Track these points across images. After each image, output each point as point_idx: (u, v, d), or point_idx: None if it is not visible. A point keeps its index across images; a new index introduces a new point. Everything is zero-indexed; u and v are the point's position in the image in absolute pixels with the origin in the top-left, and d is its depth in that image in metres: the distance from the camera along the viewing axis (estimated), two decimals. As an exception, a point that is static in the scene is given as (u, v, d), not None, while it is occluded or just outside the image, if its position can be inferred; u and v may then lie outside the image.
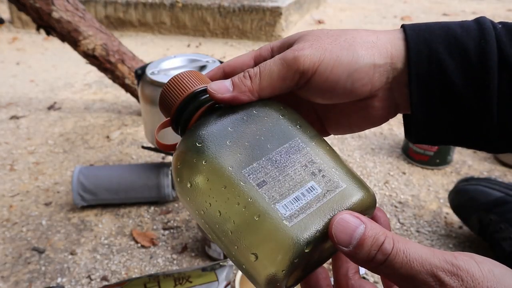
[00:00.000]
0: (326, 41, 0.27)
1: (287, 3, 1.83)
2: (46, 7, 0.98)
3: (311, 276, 0.26)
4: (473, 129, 0.27)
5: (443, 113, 0.27)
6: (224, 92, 0.26)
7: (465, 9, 2.24)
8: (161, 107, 0.30)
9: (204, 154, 0.24)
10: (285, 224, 0.22)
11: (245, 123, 0.26)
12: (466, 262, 0.20)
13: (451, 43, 0.26)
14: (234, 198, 0.23)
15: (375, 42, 0.27)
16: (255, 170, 0.24)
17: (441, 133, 0.28)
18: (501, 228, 0.64)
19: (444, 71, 0.26)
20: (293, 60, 0.26)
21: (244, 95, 0.26)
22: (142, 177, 0.79)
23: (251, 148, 0.25)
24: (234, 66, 0.30)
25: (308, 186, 0.23)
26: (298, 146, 0.25)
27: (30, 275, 0.68)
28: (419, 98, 0.27)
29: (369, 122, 0.31)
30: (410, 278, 0.20)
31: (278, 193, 0.23)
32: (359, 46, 0.27)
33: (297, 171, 0.24)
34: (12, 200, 0.86)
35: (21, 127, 1.16)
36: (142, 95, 0.76)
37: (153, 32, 2.00)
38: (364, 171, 0.93)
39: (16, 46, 1.89)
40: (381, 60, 0.27)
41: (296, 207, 0.22)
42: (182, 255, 0.71)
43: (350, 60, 0.26)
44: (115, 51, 1.07)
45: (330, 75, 0.26)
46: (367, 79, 0.27)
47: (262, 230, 0.22)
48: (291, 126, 0.26)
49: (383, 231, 0.21)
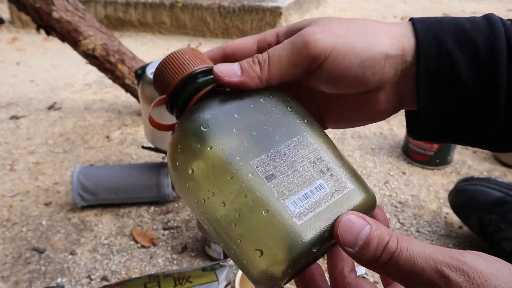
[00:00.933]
0: (338, 27, 0.26)
1: (287, 3, 1.83)
2: (46, 7, 0.98)
3: (306, 273, 0.26)
4: (480, 125, 0.27)
5: (451, 107, 0.27)
6: (232, 76, 0.25)
7: (465, 9, 2.24)
8: (157, 84, 0.28)
9: (209, 139, 0.23)
10: (295, 222, 0.21)
11: (252, 111, 0.24)
12: (473, 259, 0.19)
13: (460, 37, 0.26)
14: (241, 190, 0.22)
15: (387, 32, 0.27)
16: (264, 163, 0.23)
17: (448, 129, 0.28)
18: (501, 228, 0.64)
19: (453, 65, 0.26)
20: (304, 45, 0.25)
21: (253, 81, 0.25)
22: (142, 177, 0.79)
23: (259, 139, 0.23)
24: (235, 48, 0.29)
25: (317, 184, 0.23)
26: (307, 142, 0.24)
27: (30, 275, 0.68)
28: (427, 92, 0.26)
29: (371, 117, 0.30)
30: (414, 275, 0.20)
31: (287, 189, 0.22)
32: (372, 34, 0.26)
33: (306, 167, 0.23)
34: (12, 200, 0.86)
35: (21, 127, 1.16)
36: (142, 95, 0.76)
37: (153, 32, 2.00)
38: (364, 171, 0.92)
39: (16, 46, 1.89)
40: (393, 51, 0.26)
41: (305, 205, 0.22)
42: (182, 255, 0.71)
43: (363, 47, 0.26)
44: (115, 51, 1.07)
45: (342, 61, 0.26)
46: (378, 68, 0.26)
47: (270, 226, 0.21)
48: (299, 120, 0.25)
49: (388, 231, 0.21)
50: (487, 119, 0.26)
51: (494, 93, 0.25)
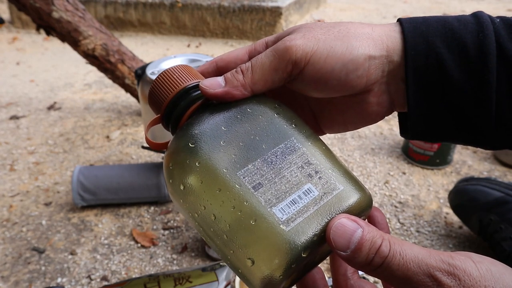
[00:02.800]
0: (319, 32, 0.27)
1: (287, 3, 1.83)
2: (46, 7, 0.98)
3: (307, 277, 0.26)
4: (471, 124, 0.27)
5: (441, 107, 0.27)
6: (216, 88, 0.26)
7: (465, 9, 2.24)
8: (151, 103, 0.28)
9: (197, 155, 0.24)
10: (282, 229, 0.21)
11: (239, 122, 0.25)
12: (463, 262, 0.20)
13: (448, 37, 0.26)
14: (229, 201, 0.22)
15: (370, 33, 0.27)
16: (251, 172, 0.23)
17: (438, 128, 0.28)
18: (501, 228, 0.64)
19: (442, 65, 0.26)
20: (285, 50, 0.26)
21: (237, 90, 0.26)
22: (142, 177, 0.79)
23: (246, 149, 0.24)
24: (227, 60, 0.29)
25: (305, 189, 0.23)
26: (294, 146, 0.24)
27: (30, 275, 0.68)
28: (416, 92, 0.26)
29: (364, 120, 0.30)
30: (407, 279, 0.20)
31: (275, 196, 0.22)
32: (353, 36, 0.26)
33: (293, 172, 0.23)
34: (12, 200, 0.86)
35: (21, 127, 1.16)
36: (142, 95, 0.76)
37: (153, 32, 2.00)
38: (364, 171, 0.93)
39: (16, 46, 1.89)
40: (376, 51, 0.26)
41: (293, 211, 0.22)
42: (182, 255, 0.71)
43: (344, 50, 0.26)
44: (115, 51, 1.07)
45: (323, 65, 0.26)
46: (362, 70, 0.26)
47: (259, 234, 0.22)
48: (286, 125, 0.25)
49: (380, 234, 0.21)
50: (477, 119, 0.26)
51: (484, 93, 0.25)
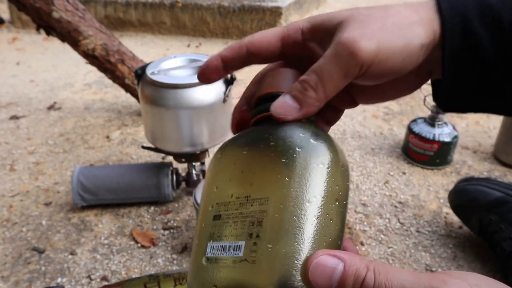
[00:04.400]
0: (375, 27, 0.26)
1: (287, 3, 1.83)
2: (46, 7, 0.98)
3: None
4: (503, 97, 0.28)
5: (475, 84, 0.27)
6: (293, 113, 0.25)
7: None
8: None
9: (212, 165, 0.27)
10: (202, 263, 0.23)
11: (257, 152, 0.25)
12: (456, 285, 0.19)
13: (485, 14, 0.26)
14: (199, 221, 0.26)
15: (419, 21, 0.27)
16: (224, 202, 0.24)
17: (471, 102, 0.29)
18: (501, 228, 0.64)
19: (477, 44, 0.26)
20: (350, 56, 0.25)
21: (313, 106, 0.26)
22: (142, 177, 0.79)
23: (240, 179, 0.24)
24: (259, 46, 0.28)
25: (237, 244, 0.22)
26: (266, 203, 0.22)
27: (30, 275, 0.68)
28: (451, 72, 0.27)
29: (402, 92, 0.31)
30: None
31: (218, 233, 0.24)
32: (408, 28, 0.26)
33: (244, 224, 0.23)
34: (12, 200, 0.86)
35: (21, 127, 1.16)
36: (142, 95, 0.76)
37: (153, 32, 2.00)
38: (364, 171, 0.93)
39: (16, 46, 1.89)
40: (427, 39, 0.26)
41: (216, 254, 0.23)
42: (182, 255, 0.71)
43: (403, 46, 0.26)
44: (115, 51, 1.07)
45: (386, 64, 0.26)
46: (416, 58, 0.27)
47: (194, 254, 0.25)
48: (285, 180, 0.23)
49: (365, 264, 0.20)
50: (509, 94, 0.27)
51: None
